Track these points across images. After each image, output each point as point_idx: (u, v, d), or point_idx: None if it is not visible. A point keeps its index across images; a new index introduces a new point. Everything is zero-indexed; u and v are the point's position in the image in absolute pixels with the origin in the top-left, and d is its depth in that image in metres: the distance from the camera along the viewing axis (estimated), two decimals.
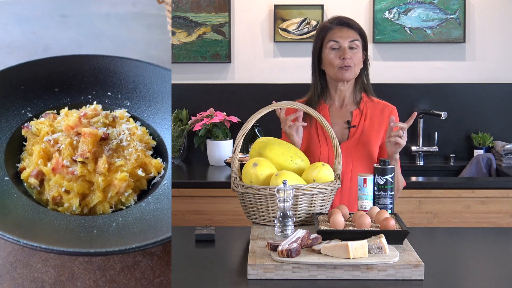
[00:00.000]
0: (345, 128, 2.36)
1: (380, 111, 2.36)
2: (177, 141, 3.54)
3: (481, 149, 3.53)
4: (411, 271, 1.67)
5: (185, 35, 3.62)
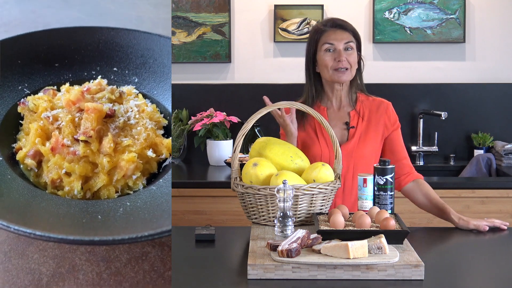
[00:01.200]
0: (344, 130, 2.36)
1: (376, 108, 2.36)
2: (177, 141, 3.54)
3: (481, 149, 3.53)
4: (411, 271, 1.67)
5: (185, 35, 3.62)
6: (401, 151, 2.37)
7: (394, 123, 2.37)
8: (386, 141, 2.37)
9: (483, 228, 2.16)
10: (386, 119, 2.35)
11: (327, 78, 2.33)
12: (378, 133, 2.34)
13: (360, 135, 2.33)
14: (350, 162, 2.31)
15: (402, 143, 2.39)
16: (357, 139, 2.33)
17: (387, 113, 2.36)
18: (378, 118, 2.35)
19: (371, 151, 2.33)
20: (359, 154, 2.31)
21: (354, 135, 2.33)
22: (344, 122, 2.36)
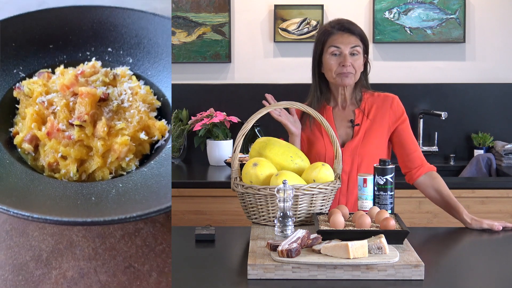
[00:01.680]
0: (349, 128, 2.36)
1: (381, 104, 2.36)
2: (177, 141, 3.54)
3: (481, 149, 3.53)
4: (411, 271, 1.67)
5: (185, 35, 3.62)
6: (410, 144, 2.35)
7: (399, 117, 2.35)
8: (394, 135, 2.35)
9: (497, 228, 2.16)
10: (391, 113, 2.35)
11: (330, 81, 2.34)
12: (383, 129, 2.34)
13: (365, 132, 2.33)
14: (355, 160, 2.31)
15: (411, 136, 2.36)
16: (362, 137, 2.33)
17: (392, 107, 2.35)
18: (383, 114, 2.35)
19: (376, 148, 2.33)
20: (364, 151, 2.31)
21: (358, 132, 2.33)
22: (349, 120, 2.37)
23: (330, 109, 2.38)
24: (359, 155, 2.31)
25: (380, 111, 2.35)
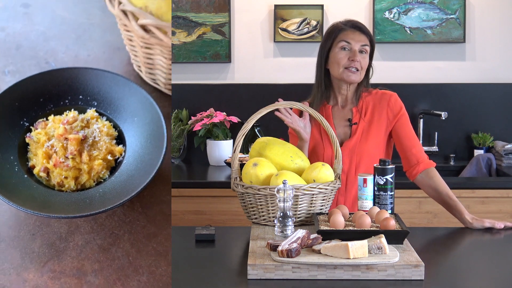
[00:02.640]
0: (346, 127, 2.36)
1: (379, 101, 2.36)
2: (177, 141, 3.54)
3: (481, 149, 3.53)
4: (411, 271, 1.67)
5: (185, 35, 3.62)
6: (407, 141, 2.33)
7: (397, 114, 2.34)
8: (393, 132, 2.35)
9: (499, 226, 2.17)
10: (388, 111, 2.34)
11: (337, 76, 2.33)
12: (381, 127, 2.34)
13: (363, 131, 2.33)
14: (353, 159, 2.31)
15: (409, 132, 2.35)
16: (359, 135, 2.33)
17: (389, 105, 2.35)
18: (381, 111, 2.35)
19: (374, 147, 2.32)
20: (361, 150, 2.31)
21: (356, 131, 2.33)
22: (347, 119, 2.36)
23: (329, 108, 2.38)
24: (357, 154, 2.31)
25: (377, 109, 2.35)
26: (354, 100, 2.38)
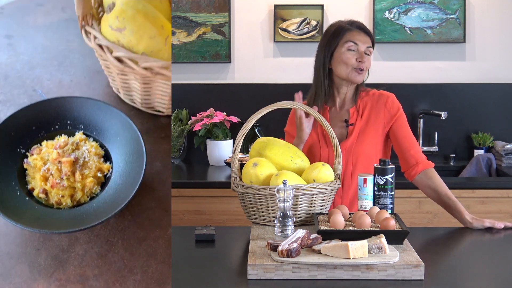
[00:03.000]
0: (343, 127, 2.36)
1: (376, 102, 2.36)
2: (177, 141, 3.54)
3: (481, 149, 3.53)
4: (411, 271, 1.67)
5: (185, 35, 3.62)
6: (405, 142, 2.33)
7: (394, 115, 2.34)
8: (390, 133, 2.34)
9: (499, 226, 2.17)
10: (385, 112, 2.34)
11: (342, 75, 2.32)
12: (378, 128, 2.33)
13: (359, 132, 2.33)
14: (349, 160, 2.30)
15: (407, 133, 2.35)
16: (356, 136, 2.32)
17: (386, 106, 2.34)
18: (377, 113, 2.34)
19: (371, 148, 2.32)
20: (358, 151, 2.31)
21: (352, 132, 2.33)
22: (343, 120, 2.36)
23: (327, 109, 2.38)
24: (354, 155, 2.31)
25: (374, 110, 2.35)
26: (353, 100, 2.38)
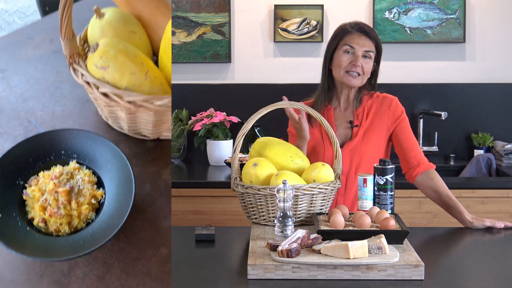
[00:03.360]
0: (348, 129, 2.36)
1: (380, 105, 2.37)
2: (177, 141, 3.54)
3: (481, 149, 3.53)
4: (411, 271, 1.68)
5: (185, 35, 3.62)
6: (407, 143, 2.35)
7: (398, 118, 2.35)
8: (393, 135, 2.36)
9: (499, 225, 2.18)
10: (389, 115, 2.35)
11: (337, 78, 2.34)
12: (382, 130, 2.34)
13: (364, 133, 2.33)
14: (353, 160, 2.31)
15: (409, 135, 2.36)
16: (360, 138, 2.33)
17: (390, 108, 2.36)
18: (382, 115, 2.35)
19: (375, 149, 2.33)
20: (362, 152, 2.32)
21: (357, 133, 2.33)
22: (348, 121, 2.37)
23: (331, 109, 2.38)
24: (358, 156, 2.32)
25: (379, 113, 2.36)
26: (356, 102, 2.38)
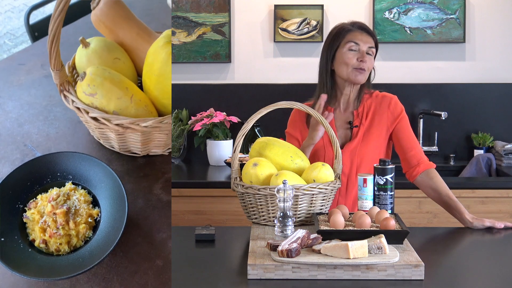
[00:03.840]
0: (347, 129, 2.36)
1: (379, 104, 2.37)
2: (177, 141, 3.54)
3: (481, 149, 3.53)
4: (411, 271, 1.68)
5: (185, 35, 3.62)
6: (407, 143, 2.35)
7: (397, 117, 2.35)
8: (393, 135, 2.36)
9: (499, 226, 2.18)
10: (389, 114, 2.35)
11: (343, 76, 2.33)
12: (382, 130, 2.34)
13: (363, 134, 2.33)
14: (354, 161, 2.31)
15: (409, 134, 2.36)
16: (360, 138, 2.33)
17: (389, 108, 2.36)
18: (381, 114, 2.35)
19: (375, 150, 2.33)
20: (362, 152, 2.32)
21: (357, 134, 2.33)
22: (348, 122, 2.37)
23: (331, 111, 2.38)
24: (358, 156, 2.32)
25: (378, 112, 2.36)
26: (356, 102, 2.38)
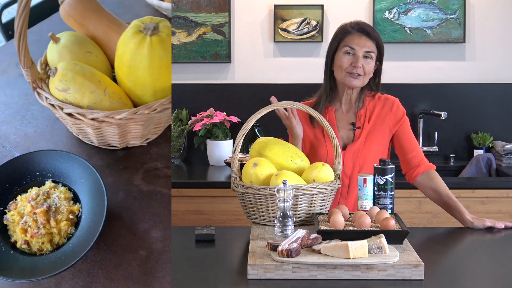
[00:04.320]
0: (350, 130, 2.36)
1: (382, 106, 2.37)
2: (177, 141, 3.54)
3: (481, 149, 3.53)
4: (411, 271, 1.68)
5: (185, 35, 3.62)
6: (408, 144, 2.36)
7: (399, 119, 2.35)
8: (394, 137, 2.36)
9: (499, 226, 2.18)
10: (391, 116, 2.35)
11: (339, 79, 2.34)
12: (385, 131, 2.34)
13: (366, 135, 2.33)
14: (356, 162, 2.31)
15: (409, 136, 2.37)
16: (363, 139, 2.33)
17: (392, 110, 2.36)
18: (384, 117, 2.35)
19: (377, 151, 2.33)
20: (365, 154, 2.32)
21: (360, 135, 2.33)
22: (350, 123, 2.37)
23: (332, 111, 2.38)
24: (361, 157, 2.32)
25: (381, 114, 2.36)
26: (358, 104, 2.38)
